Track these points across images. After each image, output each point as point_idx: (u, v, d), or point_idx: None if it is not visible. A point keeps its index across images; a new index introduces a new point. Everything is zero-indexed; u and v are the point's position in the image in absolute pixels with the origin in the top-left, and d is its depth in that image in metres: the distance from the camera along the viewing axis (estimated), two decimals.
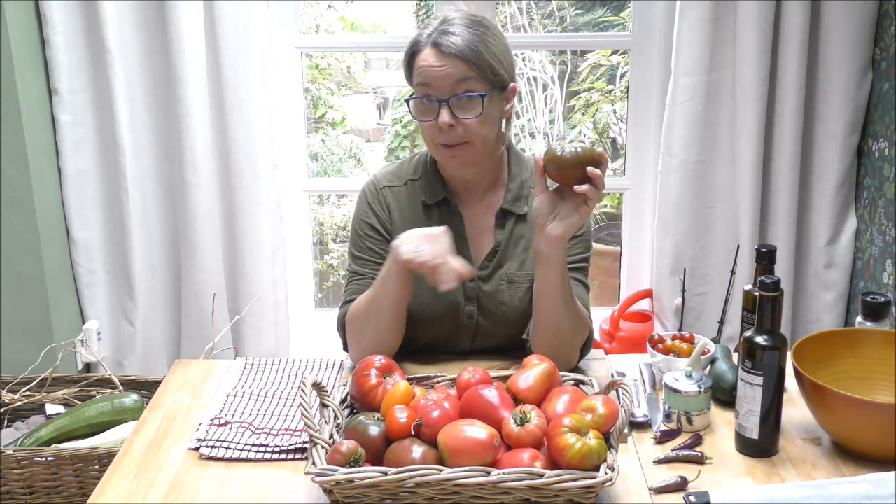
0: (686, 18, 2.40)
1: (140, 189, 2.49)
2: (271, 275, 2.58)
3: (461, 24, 1.58)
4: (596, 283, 3.83)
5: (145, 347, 2.58)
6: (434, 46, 1.57)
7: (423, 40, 1.59)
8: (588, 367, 1.68)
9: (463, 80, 1.56)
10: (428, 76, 1.57)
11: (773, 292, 1.34)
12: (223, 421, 1.48)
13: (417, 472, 1.18)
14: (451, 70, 1.55)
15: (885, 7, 2.39)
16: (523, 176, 1.71)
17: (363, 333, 1.62)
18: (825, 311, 2.60)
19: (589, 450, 1.20)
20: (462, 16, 1.61)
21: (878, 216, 2.43)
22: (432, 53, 1.57)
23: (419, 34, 1.61)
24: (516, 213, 1.68)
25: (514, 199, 1.69)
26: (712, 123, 2.50)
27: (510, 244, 1.68)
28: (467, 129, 1.57)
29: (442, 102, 1.56)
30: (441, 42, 1.56)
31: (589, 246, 1.71)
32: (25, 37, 2.30)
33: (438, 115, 1.57)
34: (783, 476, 1.34)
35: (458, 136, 1.58)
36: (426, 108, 1.59)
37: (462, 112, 1.57)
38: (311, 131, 4.32)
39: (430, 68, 1.57)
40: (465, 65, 1.55)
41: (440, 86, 1.56)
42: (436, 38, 1.57)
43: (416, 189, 1.70)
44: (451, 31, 1.57)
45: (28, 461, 1.96)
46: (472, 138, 1.59)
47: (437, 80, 1.56)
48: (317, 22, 4.42)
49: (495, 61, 1.58)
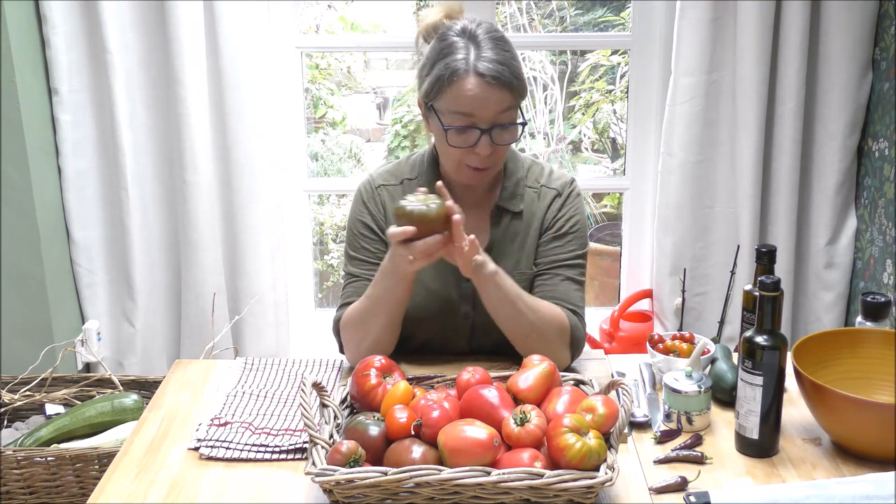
0: (686, 18, 2.40)
1: (140, 189, 2.49)
2: (271, 275, 2.58)
3: (493, 46, 1.55)
4: (596, 283, 3.83)
5: (145, 347, 2.58)
6: (479, 76, 1.52)
7: (462, 67, 1.53)
8: (588, 367, 1.68)
9: (506, 110, 1.55)
10: (471, 106, 1.54)
11: (773, 292, 1.34)
12: (223, 421, 1.48)
13: (417, 472, 1.18)
14: (496, 100, 1.54)
15: (885, 7, 2.39)
16: (519, 174, 1.71)
17: (362, 335, 1.62)
18: (825, 311, 2.59)
19: (589, 450, 1.20)
20: (490, 34, 1.57)
21: (878, 216, 2.43)
22: (478, 83, 1.52)
23: (454, 59, 1.55)
24: (511, 210, 1.68)
25: (509, 197, 1.69)
26: (712, 123, 2.50)
27: (505, 241, 1.68)
28: (498, 155, 1.59)
29: (484, 132, 1.55)
30: (485, 71, 1.52)
31: (583, 243, 1.71)
32: (25, 37, 2.30)
33: (478, 143, 1.55)
34: (783, 476, 1.34)
35: (490, 162, 1.59)
36: (464, 136, 1.57)
37: (503, 138, 1.57)
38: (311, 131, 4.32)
39: (475, 99, 1.53)
40: (510, 94, 1.54)
41: (485, 115, 1.54)
42: (479, 65, 1.53)
43: (412, 188, 1.70)
44: (494, 59, 1.53)
45: (28, 461, 1.96)
46: (499, 162, 1.62)
47: (482, 110, 1.54)
48: (317, 22, 4.42)
49: (524, 84, 1.58)
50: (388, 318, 1.60)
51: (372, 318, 1.60)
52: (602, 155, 4.50)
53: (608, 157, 4.46)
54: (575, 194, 1.72)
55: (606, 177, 4.35)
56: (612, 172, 4.37)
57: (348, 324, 1.65)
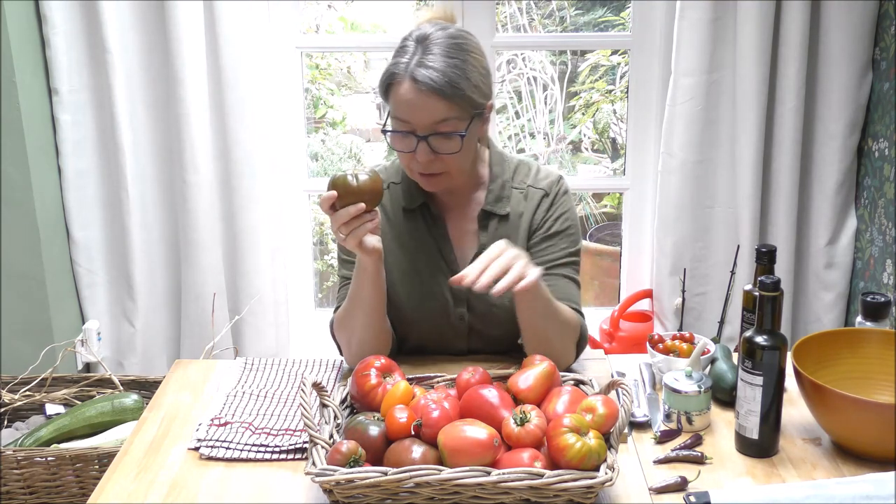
0: (686, 18, 2.40)
1: (140, 189, 2.49)
2: (271, 275, 2.58)
3: (441, 53, 1.49)
4: (596, 283, 3.83)
5: (145, 347, 2.58)
6: (413, 81, 1.48)
7: (400, 71, 1.50)
8: (588, 367, 1.68)
9: (442, 121, 1.50)
10: (406, 113, 1.51)
11: (773, 292, 1.34)
12: (223, 421, 1.48)
13: (417, 472, 1.18)
14: (430, 109, 1.49)
15: (885, 7, 2.39)
16: (505, 176, 1.69)
17: (348, 335, 1.63)
18: (825, 311, 2.59)
19: (589, 450, 1.20)
20: (442, 38, 1.52)
21: (878, 216, 2.43)
22: (411, 89, 1.48)
23: (396, 62, 1.51)
24: (498, 213, 1.67)
25: (495, 200, 1.67)
26: (712, 123, 2.50)
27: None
28: (445, 162, 1.55)
29: (420, 139, 1.51)
30: (421, 78, 1.47)
31: (576, 240, 1.69)
32: (25, 37, 2.30)
33: (417, 149, 1.52)
34: (783, 476, 1.34)
35: (435, 168, 1.56)
36: (404, 141, 1.54)
37: (441, 148, 1.53)
38: (311, 131, 4.32)
39: (408, 104, 1.49)
40: (444, 104, 1.48)
41: (419, 123, 1.50)
42: (414, 71, 1.48)
43: (397, 193, 1.70)
44: (431, 63, 1.48)
45: (28, 461, 1.96)
46: (450, 169, 1.57)
47: (415, 117, 1.50)
48: (317, 22, 4.41)
49: (476, 94, 1.52)
50: (366, 317, 1.59)
51: (352, 317, 1.61)
52: (602, 155, 4.50)
53: (608, 157, 4.46)
54: (563, 192, 1.69)
55: (606, 177, 4.36)
56: (612, 172, 4.37)
57: (337, 326, 1.66)
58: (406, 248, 1.67)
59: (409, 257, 1.67)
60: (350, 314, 1.61)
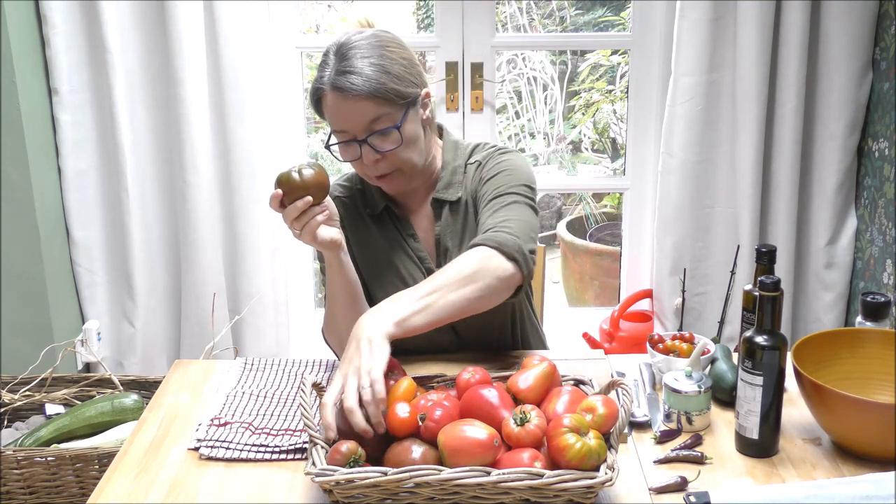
0: (686, 18, 2.40)
1: (140, 189, 2.49)
2: (271, 275, 2.58)
3: (357, 55, 1.52)
4: (596, 283, 3.83)
5: (145, 347, 2.58)
6: (336, 90, 1.51)
7: (324, 85, 1.53)
8: (588, 368, 1.68)
9: (375, 119, 1.53)
10: (339, 122, 1.54)
11: (773, 292, 1.34)
12: (223, 421, 1.48)
13: (417, 472, 1.18)
14: (359, 113, 1.51)
15: (885, 7, 2.39)
16: (456, 162, 1.69)
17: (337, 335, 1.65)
18: (825, 311, 2.60)
19: (589, 450, 1.20)
20: (357, 41, 1.54)
21: (878, 216, 2.43)
22: (336, 98, 1.51)
23: (319, 76, 1.55)
24: (448, 200, 1.67)
25: (445, 187, 1.67)
26: (712, 123, 2.50)
27: (452, 231, 1.67)
28: (394, 158, 1.57)
29: (361, 143, 1.54)
30: (342, 86, 1.50)
31: (515, 178, 1.60)
32: (25, 37, 2.30)
33: (361, 153, 1.55)
34: (783, 476, 1.34)
35: (387, 167, 1.58)
36: (348, 150, 1.57)
37: (383, 145, 1.55)
38: (311, 131, 4.31)
39: (339, 113, 1.53)
40: (372, 103, 1.51)
41: (354, 127, 1.53)
42: (335, 80, 1.51)
43: (360, 200, 1.72)
44: (350, 69, 1.50)
45: (28, 461, 1.96)
46: (401, 164, 1.58)
47: (349, 123, 1.53)
48: (317, 22, 4.42)
49: (401, 85, 1.54)
50: (346, 311, 1.60)
51: (334, 316, 1.63)
52: (602, 155, 4.50)
53: (608, 157, 4.46)
54: (497, 154, 1.67)
55: (606, 177, 4.36)
56: (612, 172, 4.37)
57: (325, 329, 1.70)
58: (380, 250, 1.70)
59: (384, 257, 1.70)
60: (332, 313, 1.64)
